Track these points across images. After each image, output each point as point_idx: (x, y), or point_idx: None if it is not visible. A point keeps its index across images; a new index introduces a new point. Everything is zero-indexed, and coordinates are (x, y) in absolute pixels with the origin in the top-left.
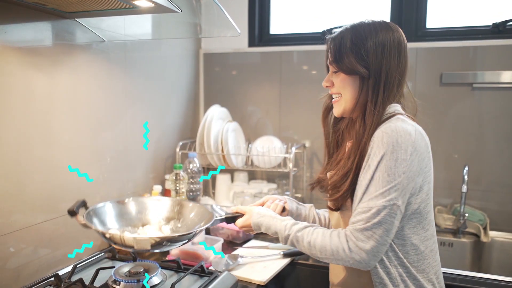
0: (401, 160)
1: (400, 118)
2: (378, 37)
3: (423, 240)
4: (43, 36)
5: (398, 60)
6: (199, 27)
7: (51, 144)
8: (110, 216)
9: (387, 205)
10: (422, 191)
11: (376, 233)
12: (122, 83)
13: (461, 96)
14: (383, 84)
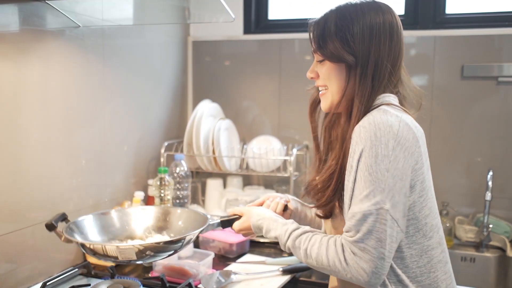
0: (381, 156)
1: (383, 108)
2: (366, 19)
3: (426, 250)
4: (9, 21)
5: (390, 45)
6: (188, 11)
7: (17, 144)
8: (92, 229)
9: (373, 209)
10: (414, 192)
11: (368, 245)
12: (100, 75)
13: (485, 91)
14: (371, 73)
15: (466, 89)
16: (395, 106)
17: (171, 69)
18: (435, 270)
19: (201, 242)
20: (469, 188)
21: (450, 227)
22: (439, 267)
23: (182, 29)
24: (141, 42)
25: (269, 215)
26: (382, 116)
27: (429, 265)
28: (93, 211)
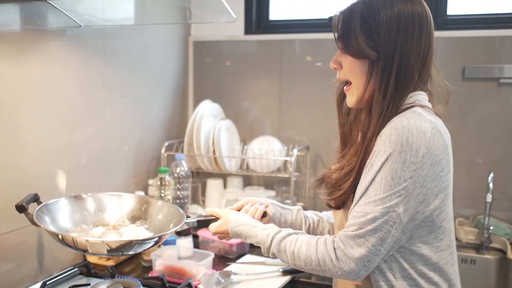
0: (409, 163)
1: (417, 111)
2: (394, 9)
3: (436, 251)
4: (10, 20)
5: (419, 39)
6: (189, 11)
7: (18, 144)
8: (64, 213)
9: (385, 212)
10: (436, 198)
11: (368, 240)
12: (100, 74)
13: (486, 92)
14: (395, 70)
15: (467, 91)
16: (428, 108)
17: (172, 69)
18: (441, 269)
19: (201, 242)
20: (470, 189)
21: None
22: (446, 268)
23: (183, 29)
24: (142, 42)
25: (248, 221)
26: (417, 121)
27: (436, 265)
28: None
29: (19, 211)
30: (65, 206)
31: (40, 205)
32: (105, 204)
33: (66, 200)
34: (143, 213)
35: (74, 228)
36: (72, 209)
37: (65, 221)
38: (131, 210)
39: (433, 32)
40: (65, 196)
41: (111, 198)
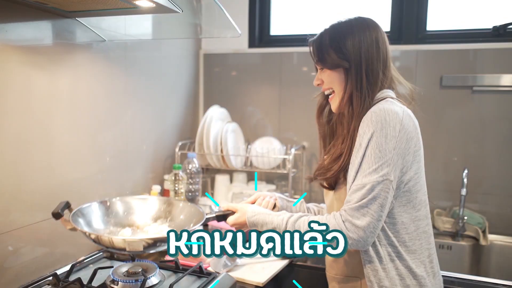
0: (390, 137)
1: (389, 101)
2: (355, 37)
3: (414, 219)
4: (44, 35)
5: (377, 46)
6: (200, 27)
7: (50, 144)
8: (96, 216)
9: (381, 180)
10: (411, 169)
11: (371, 208)
12: (122, 83)
13: (461, 99)
14: (365, 72)
15: (444, 97)
16: (397, 99)
17: (184, 78)
18: (420, 238)
19: (210, 230)
20: (447, 184)
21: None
22: (423, 237)
23: (194, 43)
24: (158, 55)
25: (263, 211)
26: (390, 106)
27: (415, 233)
28: None
29: (55, 218)
30: (97, 209)
31: (74, 210)
32: (132, 207)
33: (97, 204)
34: (167, 213)
35: (106, 229)
36: (103, 212)
37: (98, 223)
38: (156, 211)
39: (386, 45)
40: (97, 201)
41: (137, 201)
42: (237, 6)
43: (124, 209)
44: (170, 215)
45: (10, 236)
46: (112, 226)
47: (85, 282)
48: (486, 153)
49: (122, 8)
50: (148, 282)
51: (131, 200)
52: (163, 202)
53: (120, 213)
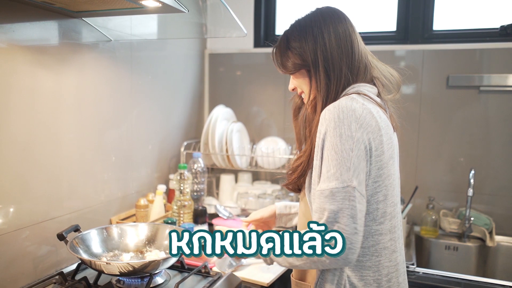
0: (346, 137)
1: (351, 96)
2: (310, 35)
3: (374, 233)
4: (50, 35)
5: (337, 38)
6: (205, 27)
7: (57, 142)
8: (95, 242)
9: (340, 187)
10: (369, 177)
11: (341, 222)
12: (128, 83)
13: (468, 99)
14: (323, 69)
15: (451, 97)
16: (365, 96)
17: (190, 78)
18: (378, 254)
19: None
20: (453, 184)
21: (436, 219)
22: (384, 254)
23: (200, 43)
24: (164, 54)
25: None
26: (347, 102)
27: (373, 249)
28: (122, 202)
29: (59, 239)
30: (96, 235)
31: (74, 237)
32: (126, 233)
33: (96, 231)
34: (154, 239)
35: (106, 253)
36: (101, 237)
37: (96, 248)
38: (146, 237)
39: (351, 30)
40: (96, 228)
41: (129, 228)
42: (242, 6)
43: (118, 234)
44: (157, 241)
45: (16, 235)
46: (110, 251)
47: (91, 281)
48: (492, 153)
49: (128, 8)
50: (153, 281)
51: (125, 227)
52: (152, 228)
53: (116, 237)
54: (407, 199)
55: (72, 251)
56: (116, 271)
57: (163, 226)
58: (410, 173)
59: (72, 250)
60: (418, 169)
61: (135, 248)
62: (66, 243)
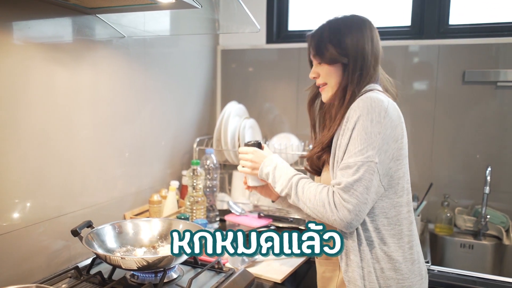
0: (376, 122)
1: (376, 91)
2: (353, 33)
3: (395, 205)
4: (65, 32)
5: (372, 48)
6: (217, 23)
7: (72, 138)
8: (110, 237)
9: (365, 161)
10: (394, 156)
11: (357, 190)
12: (141, 79)
13: (484, 94)
14: (359, 67)
15: (467, 93)
16: (383, 92)
17: (202, 74)
18: (400, 224)
19: (227, 226)
20: (468, 182)
21: (451, 217)
22: (404, 223)
23: (212, 39)
24: (177, 51)
25: (279, 164)
26: (376, 95)
27: (395, 218)
28: (136, 197)
29: (73, 235)
30: (110, 231)
31: (89, 232)
32: (139, 228)
33: (110, 226)
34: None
35: (119, 248)
36: (116, 232)
37: (111, 243)
38: (159, 232)
39: (379, 42)
40: (110, 223)
41: (143, 223)
42: (255, 2)
43: (133, 230)
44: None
45: (32, 229)
46: (124, 246)
47: (106, 276)
48: (509, 150)
49: (142, 4)
50: (167, 276)
51: (138, 222)
52: (165, 223)
53: (130, 233)
54: (422, 196)
55: (88, 245)
56: (132, 266)
57: (176, 222)
58: (425, 170)
59: (87, 245)
60: (433, 166)
61: (148, 243)
62: (81, 239)
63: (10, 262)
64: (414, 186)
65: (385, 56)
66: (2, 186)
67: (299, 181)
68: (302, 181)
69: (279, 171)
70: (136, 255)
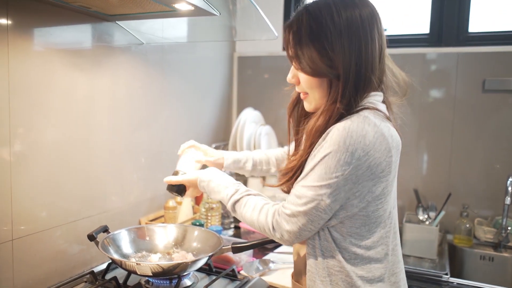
0: (343, 162)
1: (364, 115)
2: (342, 19)
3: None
4: (85, 38)
5: (372, 45)
6: (234, 30)
7: (90, 143)
8: (126, 242)
9: (315, 199)
10: (373, 194)
11: (300, 221)
12: (159, 85)
13: (505, 103)
14: (353, 81)
15: (487, 102)
16: (378, 111)
17: (218, 80)
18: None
19: (242, 233)
20: (488, 192)
21: (470, 227)
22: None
23: (229, 46)
24: (194, 57)
25: (213, 177)
26: (359, 124)
27: (366, 255)
28: (151, 202)
29: (89, 239)
30: (126, 236)
31: (105, 237)
32: (154, 233)
33: (126, 231)
34: (183, 240)
35: (134, 254)
36: (132, 238)
37: (127, 248)
38: (174, 238)
39: (383, 30)
40: (126, 228)
41: (158, 229)
42: (270, 9)
43: (148, 235)
44: (185, 242)
45: (49, 233)
46: (139, 251)
47: (120, 281)
48: None
49: (161, 11)
50: (182, 283)
51: (154, 228)
52: (180, 229)
53: (146, 238)
54: (440, 206)
55: (104, 251)
56: (147, 272)
57: (191, 228)
58: (443, 179)
59: (103, 249)
60: (451, 176)
61: (163, 250)
62: (97, 243)
63: (27, 266)
64: (433, 196)
65: (403, 63)
66: (20, 189)
67: (235, 202)
68: (241, 201)
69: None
70: (151, 261)
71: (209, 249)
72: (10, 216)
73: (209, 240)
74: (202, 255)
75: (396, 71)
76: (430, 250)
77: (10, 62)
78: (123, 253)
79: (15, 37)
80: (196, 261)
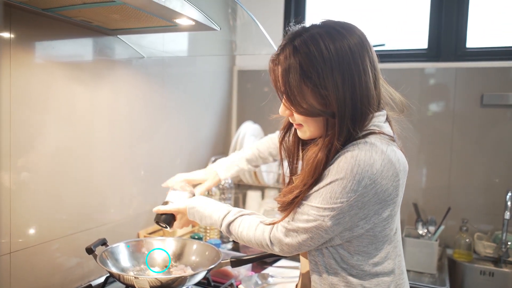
0: (349, 190)
1: (370, 142)
2: (331, 53)
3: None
4: (86, 52)
5: (366, 76)
6: (234, 44)
7: (89, 156)
8: (124, 255)
9: (318, 219)
10: (379, 217)
11: (300, 236)
12: (159, 99)
13: (503, 118)
14: (350, 115)
15: (485, 117)
16: (384, 135)
17: (218, 94)
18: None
19: (241, 247)
20: (487, 206)
21: (470, 242)
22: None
23: (229, 60)
24: (194, 71)
25: (201, 204)
26: (367, 153)
27: (373, 270)
28: (150, 216)
29: (88, 252)
30: (124, 249)
31: (103, 250)
32: (154, 246)
33: (124, 244)
34: (182, 254)
35: (133, 267)
36: (129, 251)
37: (125, 262)
38: (173, 251)
39: (375, 55)
40: (124, 241)
41: (157, 242)
42: (270, 23)
43: (146, 249)
44: (184, 256)
45: (47, 246)
46: (137, 265)
47: None
48: None
49: (162, 26)
50: None
51: (152, 241)
52: (179, 243)
53: (145, 251)
54: (439, 220)
55: (102, 264)
56: (145, 286)
57: (190, 241)
58: (443, 194)
59: (101, 263)
60: (450, 190)
61: (162, 263)
62: (95, 257)
63: (24, 279)
64: (432, 210)
65: (401, 78)
66: (19, 202)
67: (229, 224)
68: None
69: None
70: (149, 274)
71: (207, 263)
72: (9, 228)
73: (208, 253)
74: (200, 269)
75: (391, 91)
76: (430, 265)
77: (12, 74)
78: (121, 267)
79: (18, 50)
80: (195, 275)
